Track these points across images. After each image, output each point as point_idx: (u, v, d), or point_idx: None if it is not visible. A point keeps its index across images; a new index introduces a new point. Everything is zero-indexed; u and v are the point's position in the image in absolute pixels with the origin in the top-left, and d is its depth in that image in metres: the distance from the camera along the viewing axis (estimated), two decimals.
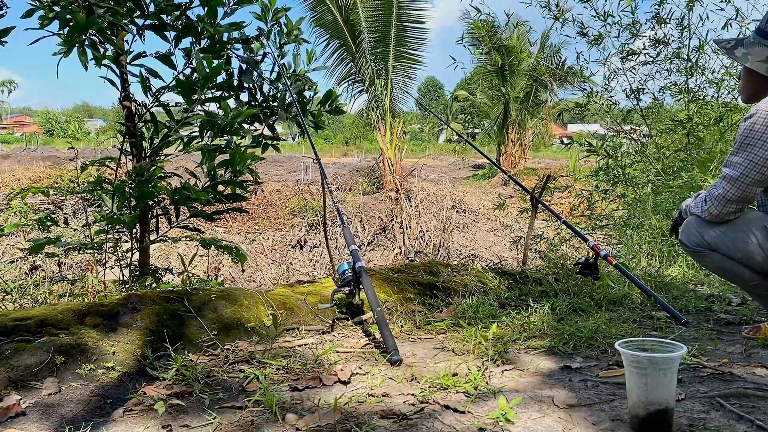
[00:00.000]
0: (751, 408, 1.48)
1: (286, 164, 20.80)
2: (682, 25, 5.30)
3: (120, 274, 3.25)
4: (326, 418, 1.42)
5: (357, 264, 2.23)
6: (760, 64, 1.99)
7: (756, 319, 2.44)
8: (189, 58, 3.14)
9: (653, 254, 4.17)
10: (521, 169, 19.38)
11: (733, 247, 2.02)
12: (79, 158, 4.69)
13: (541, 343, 2.03)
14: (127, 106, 3.19)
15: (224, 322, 2.06)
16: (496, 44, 17.18)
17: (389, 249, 11.10)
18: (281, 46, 3.62)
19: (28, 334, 1.76)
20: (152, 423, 1.42)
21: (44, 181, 13.16)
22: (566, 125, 38.87)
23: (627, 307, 2.67)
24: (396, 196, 12.65)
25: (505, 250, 10.28)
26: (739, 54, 2.06)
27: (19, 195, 3.10)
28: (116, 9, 2.85)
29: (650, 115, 5.91)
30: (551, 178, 4.91)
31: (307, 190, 12.82)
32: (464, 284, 2.76)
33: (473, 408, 1.49)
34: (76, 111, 75.21)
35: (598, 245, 2.65)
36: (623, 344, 1.39)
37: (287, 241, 11.17)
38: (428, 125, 47.26)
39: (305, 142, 3.58)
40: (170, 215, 3.28)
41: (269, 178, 15.32)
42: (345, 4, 13.17)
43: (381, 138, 14.06)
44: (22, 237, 8.16)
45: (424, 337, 2.20)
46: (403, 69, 13.99)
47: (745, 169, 1.90)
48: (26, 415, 1.47)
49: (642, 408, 1.34)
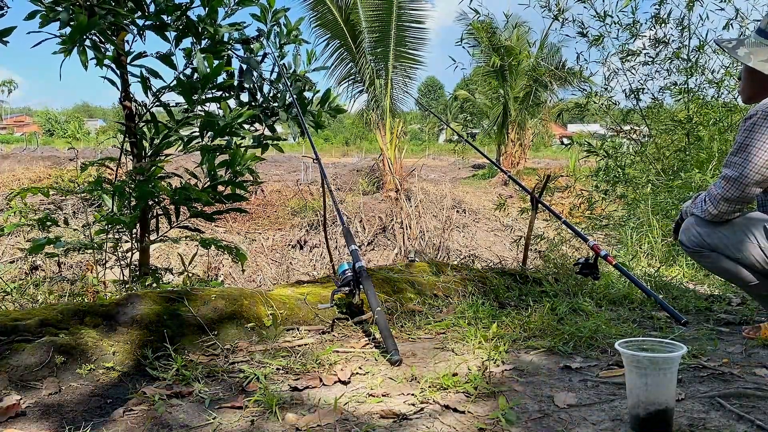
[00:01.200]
0: (751, 408, 1.48)
1: (286, 164, 20.80)
2: (682, 24, 5.30)
3: (120, 274, 3.25)
4: (326, 418, 1.42)
5: (357, 264, 2.23)
6: (762, 64, 1.99)
7: (756, 319, 2.44)
8: (189, 59, 3.14)
9: (653, 254, 4.17)
10: (521, 169, 19.39)
11: (733, 247, 2.02)
12: (79, 158, 4.70)
13: (541, 343, 2.03)
14: (128, 106, 3.20)
15: (224, 323, 2.06)
16: (496, 45, 17.19)
17: (389, 249, 11.09)
18: (281, 47, 3.62)
19: (28, 334, 1.76)
20: (152, 423, 1.42)
21: (44, 181, 13.16)
22: (566, 125, 38.87)
23: (627, 307, 2.67)
24: (396, 196, 12.65)
25: (505, 250, 10.28)
26: (741, 53, 2.06)
27: (19, 195, 3.10)
28: (118, 10, 2.85)
29: (650, 115, 5.91)
30: (551, 178, 4.91)
31: (307, 190, 12.82)
32: (464, 284, 2.76)
33: (473, 408, 1.49)
34: (76, 111, 75.23)
35: (598, 245, 2.65)
36: (623, 344, 1.39)
37: (287, 241, 11.17)
38: (428, 125, 47.26)
39: (305, 142, 3.58)
40: (170, 215, 3.29)
41: (269, 178, 15.32)
42: (345, 4, 13.16)
43: (381, 138, 14.06)
44: (22, 237, 8.15)
45: (424, 337, 2.20)
46: (403, 69, 13.99)
47: (745, 169, 1.90)
48: (26, 415, 1.47)
49: (642, 408, 1.34)
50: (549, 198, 6.97)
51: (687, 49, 5.34)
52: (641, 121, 6.06)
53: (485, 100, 21.80)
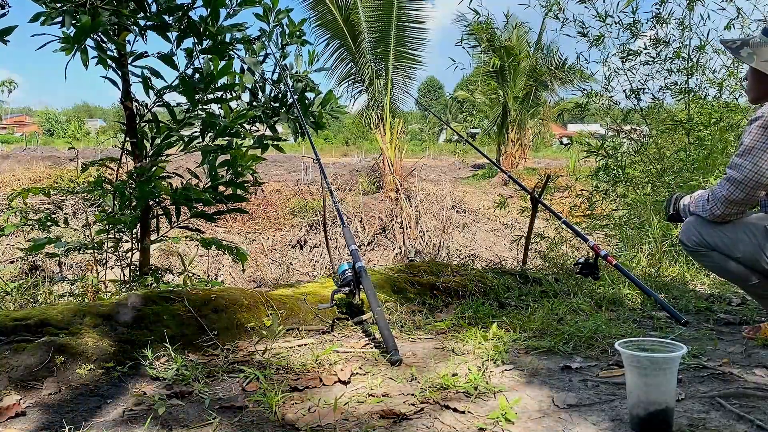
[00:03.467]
0: (751, 408, 1.48)
1: (286, 164, 20.79)
2: (683, 24, 5.29)
3: (120, 274, 3.25)
4: (326, 418, 1.43)
5: (357, 264, 2.23)
6: (766, 65, 1.98)
7: (756, 319, 2.44)
8: (191, 59, 3.14)
9: (653, 254, 4.17)
10: (521, 169, 19.39)
11: (733, 247, 2.01)
12: (79, 158, 4.70)
13: (541, 343, 2.03)
14: (129, 106, 3.20)
15: (224, 322, 2.06)
16: (496, 45, 17.17)
17: (389, 249, 11.09)
18: (283, 47, 3.62)
19: (28, 334, 1.76)
20: (152, 423, 1.42)
21: (44, 181, 13.14)
22: (566, 125, 38.88)
23: (627, 307, 2.66)
24: (396, 196, 12.65)
25: (505, 250, 10.27)
26: (745, 54, 2.05)
27: (20, 195, 3.10)
28: (121, 10, 2.84)
29: (650, 115, 5.91)
30: (551, 178, 4.91)
31: (307, 190, 12.82)
32: (464, 284, 2.76)
33: (473, 408, 1.49)
34: (76, 111, 75.22)
35: (598, 245, 2.66)
36: (623, 344, 1.40)
37: (287, 241, 11.16)
38: (428, 125, 47.28)
39: (305, 142, 3.58)
40: (171, 215, 3.29)
41: (269, 178, 15.31)
42: (345, 4, 13.16)
43: (381, 138, 14.05)
44: (22, 237, 8.15)
45: (424, 337, 2.20)
46: (403, 69, 13.98)
47: (749, 172, 1.89)
48: (26, 415, 1.47)
49: (642, 408, 1.34)
50: (549, 198, 6.97)
51: (688, 48, 5.34)
52: (641, 121, 6.06)
53: (485, 100, 21.79)
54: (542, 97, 19.83)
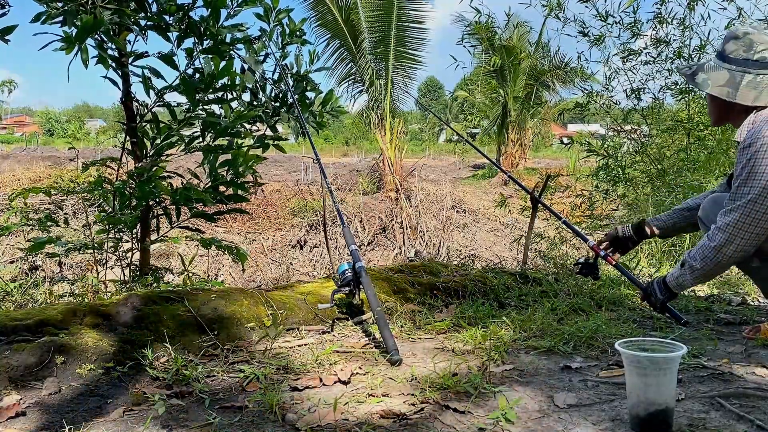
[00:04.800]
0: (751, 408, 1.48)
1: (286, 164, 20.80)
2: (683, 24, 5.29)
3: (120, 274, 3.25)
4: (326, 418, 1.42)
5: (357, 264, 2.23)
6: (720, 89, 1.97)
7: (756, 319, 2.44)
8: (191, 59, 3.14)
9: (653, 254, 4.17)
10: (521, 169, 19.39)
11: None
12: (79, 158, 4.70)
13: (541, 343, 2.03)
14: (129, 105, 3.20)
15: (224, 322, 2.06)
16: (496, 45, 17.18)
17: (389, 249, 11.09)
18: (283, 47, 3.62)
19: (28, 334, 1.76)
20: (152, 423, 1.42)
21: (44, 181, 13.15)
22: (566, 125, 38.89)
23: (627, 307, 2.66)
24: (396, 196, 12.65)
25: (505, 250, 10.27)
26: (700, 80, 2.05)
27: (21, 195, 3.10)
28: (123, 9, 2.84)
29: (651, 115, 5.91)
30: (551, 178, 4.91)
31: (307, 190, 12.82)
32: (464, 284, 2.76)
33: (473, 408, 1.49)
34: (76, 111, 75.27)
35: (597, 245, 2.65)
36: (623, 344, 1.39)
37: (287, 241, 11.16)
38: (428, 125, 47.30)
39: (305, 142, 3.58)
40: (171, 215, 3.29)
41: (269, 178, 15.30)
42: (345, 4, 13.16)
43: (381, 138, 14.05)
44: (22, 237, 8.15)
45: (424, 337, 2.20)
46: (403, 69, 13.99)
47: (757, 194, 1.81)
48: (26, 415, 1.47)
49: (642, 408, 1.34)
50: (549, 198, 6.97)
51: (688, 48, 5.33)
52: (642, 121, 6.06)
53: (485, 100, 21.80)
54: (543, 96, 19.83)
